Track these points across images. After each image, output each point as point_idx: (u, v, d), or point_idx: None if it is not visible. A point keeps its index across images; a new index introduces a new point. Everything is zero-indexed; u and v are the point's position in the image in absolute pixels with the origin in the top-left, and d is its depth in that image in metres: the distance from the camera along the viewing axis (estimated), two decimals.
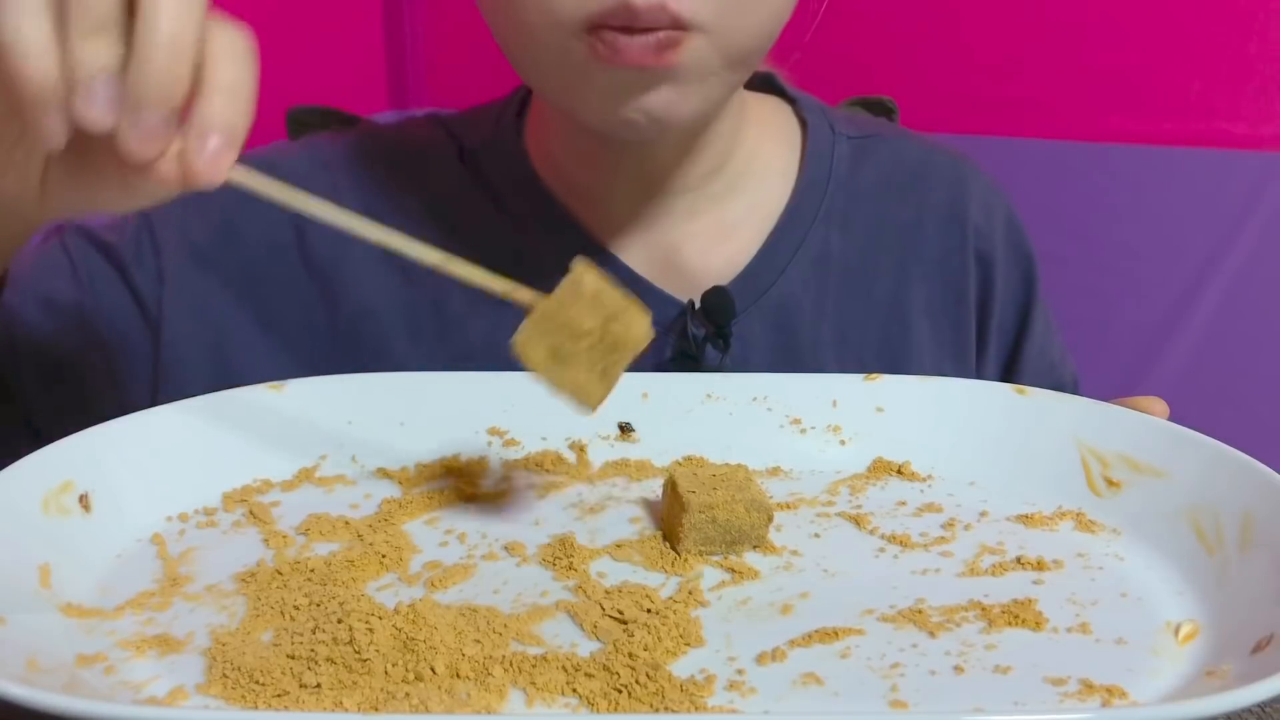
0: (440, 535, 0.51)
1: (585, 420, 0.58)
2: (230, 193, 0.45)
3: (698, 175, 0.68)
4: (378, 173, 0.69)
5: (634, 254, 0.68)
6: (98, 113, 0.41)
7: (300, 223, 0.66)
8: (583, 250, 0.66)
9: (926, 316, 0.71)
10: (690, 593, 0.46)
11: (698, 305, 0.66)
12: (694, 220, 0.69)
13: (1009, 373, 0.75)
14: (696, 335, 0.66)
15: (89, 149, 0.45)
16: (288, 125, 0.85)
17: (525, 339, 0.47)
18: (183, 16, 0.41)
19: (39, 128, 0.42)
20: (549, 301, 0.47)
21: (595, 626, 0.43)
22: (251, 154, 0.46)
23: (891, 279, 0.71)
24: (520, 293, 0.48)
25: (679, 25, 0.54)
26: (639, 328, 0.47)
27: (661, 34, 0.54)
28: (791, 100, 0.75)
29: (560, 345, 0.47)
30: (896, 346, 0.70)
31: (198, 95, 0.43)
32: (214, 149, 0.43)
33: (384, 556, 0.48)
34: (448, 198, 0.69)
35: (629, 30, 0.54)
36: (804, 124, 0.73)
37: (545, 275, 0.66)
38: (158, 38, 0.41)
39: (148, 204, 0.48)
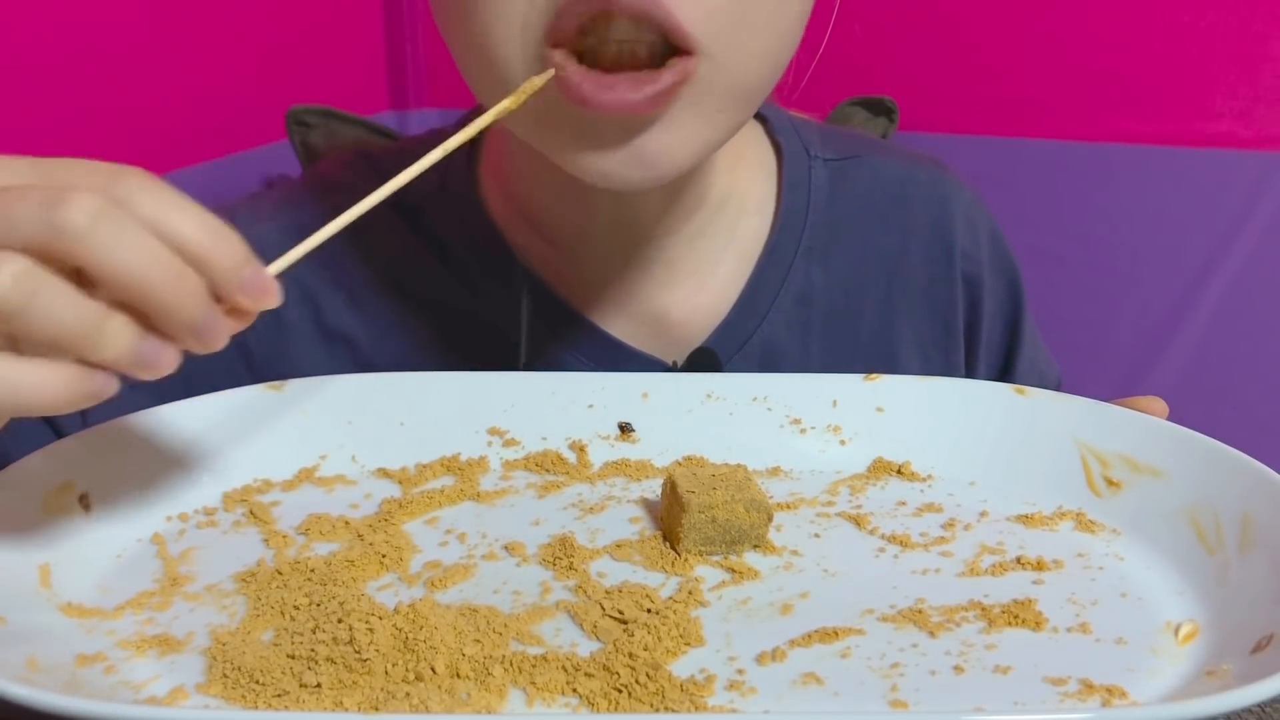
0: (440, 535, 0.51)
1: (585, 420, 0.58)
2: None
3: (678, 216, 0.64)
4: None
5: (613, 318, 0.64)
6: (163, 366, 0.40)
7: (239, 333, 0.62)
8: (557, 318, 0.63)
9: (915, 351, 0.69)
10: (690, 593, 0.46)
11: (680, 365, 0.64)
12: (673, 268, 0.65)
13: None
14: None
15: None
16: (288, 125, 0.85)
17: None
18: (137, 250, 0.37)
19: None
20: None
21: (595, 626, 0.43)
22: None
23: (878, 316, 0.69)
24: None
25: (674, 45, 0.48)
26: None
27: (652, 73, 0.48)
28: (762, 118, 0.70)
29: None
30: None
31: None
32: (252, 279, 0.40)
33: (384, 556, 0.48)
34: (394, 262, 0.64)
35: (605, 61, 0.48)
36: (777, 147, 0.69)
37: (517, 351, 0.62)
38: (138, 284, 0.38)
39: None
